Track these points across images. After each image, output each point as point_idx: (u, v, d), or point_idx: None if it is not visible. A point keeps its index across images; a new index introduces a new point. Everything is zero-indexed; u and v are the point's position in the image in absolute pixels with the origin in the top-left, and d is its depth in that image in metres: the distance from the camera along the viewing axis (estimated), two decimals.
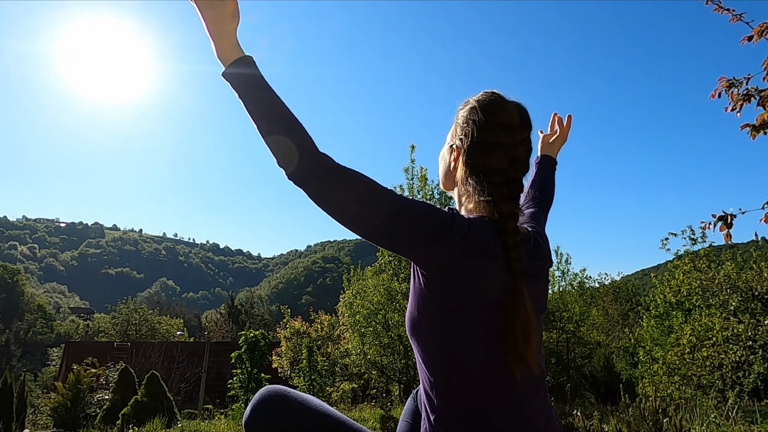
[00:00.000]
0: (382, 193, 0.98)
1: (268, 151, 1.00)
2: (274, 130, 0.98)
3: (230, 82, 1.02)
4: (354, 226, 0.99)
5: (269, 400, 1.09)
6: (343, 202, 0.97)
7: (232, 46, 1.03)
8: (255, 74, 1.01)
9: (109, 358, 13.50)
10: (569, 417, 4.88)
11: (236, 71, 1.01)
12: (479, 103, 1.14)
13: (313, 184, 0.97)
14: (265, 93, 1.00)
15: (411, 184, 9.37)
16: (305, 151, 0.97)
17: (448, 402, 0.99)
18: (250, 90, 1.01)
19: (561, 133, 1.75)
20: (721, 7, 2.47)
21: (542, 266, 1.16)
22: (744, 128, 2.46)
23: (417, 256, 0.99)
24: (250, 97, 1.00)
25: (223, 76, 1.03)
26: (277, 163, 0.99)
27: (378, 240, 1.00)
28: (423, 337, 1.02)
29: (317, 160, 0.97)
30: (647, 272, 43.40)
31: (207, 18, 1.02)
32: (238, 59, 1.02)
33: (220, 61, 1.03)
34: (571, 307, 13.28)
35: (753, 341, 8.53)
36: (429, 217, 0.97)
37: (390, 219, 0.96)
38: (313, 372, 12.51)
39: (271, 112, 1.00)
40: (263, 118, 0.99)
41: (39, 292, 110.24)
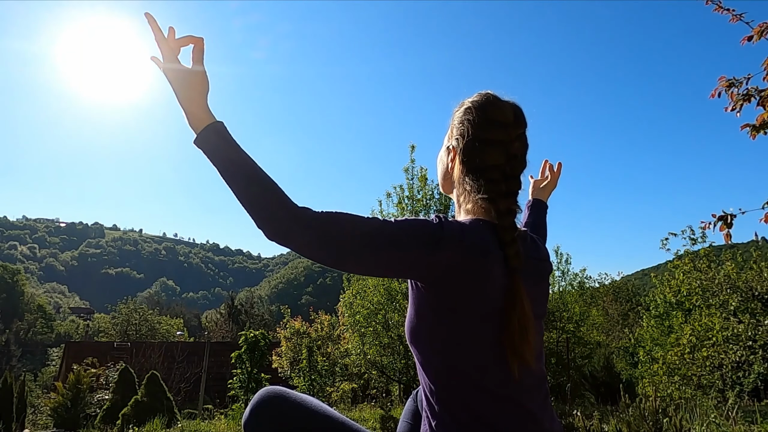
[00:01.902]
0: (366, 230, 0.98)
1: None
2: (247, 193, 1.00)
3: (202, 150, 1.05)
4: (352, 269, 1.02)
5: (268, 401, 1.09)
6: (331, 251, 0.98)
7: (203, 115, 1.06)
8: (225, 140, 1.04)
9: (109, 358, 13.52)
10: (569, 417, 4.88)
11: (206, 139, 1.04)
12: (474, 103, 1.16)
13: (295, 241, 0.98)
14: (236, 158, 1.02)
15: (411, 184, 9.38)
16: (280, 211, 0.98)
17: (449, 408, 0.99)
18: (220, 157, 1.03)
19: (552, 178, 1.81)
20: (721, 7, 2.48)
21: (542, 267, 1.16)
22: (744, 128, 2.46)
23: (419, 275, 1.00)
24: (221, 164, 1.02)
25: (194, 143, 1.05)
26: (256, 225, 1.00)
27: (378, 273, 1.02)
28: (423, 344, 1.02)
29: (294, 218, 0.97)
30: (647, 272, 43.40)
31: (177, 91, 1.07)
32: (207, 127, 1.05)
33: (191, 129, 1.06)
34: (571, 307, 13.28)
35: (753, 341, 8.53)
36: (418, 235, 0.97)
37: (382, 251, 0.97)
38: (313, 372, 12.51)
39: (243, 176, 1.01)
40: (235, 182, 1.01)
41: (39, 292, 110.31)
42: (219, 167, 1.03)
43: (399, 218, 1.01)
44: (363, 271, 1.03)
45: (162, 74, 1.10)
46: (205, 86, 1.08)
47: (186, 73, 1.07)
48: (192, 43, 1.10)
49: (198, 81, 1.07)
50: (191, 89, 1.07)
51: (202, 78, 1.08)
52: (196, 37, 1.10)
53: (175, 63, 1.08)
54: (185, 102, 1.07)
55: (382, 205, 9.57)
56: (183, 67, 1.08)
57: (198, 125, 1.05)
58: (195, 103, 1.06)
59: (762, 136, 2.43)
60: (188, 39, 1.10)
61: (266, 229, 0.98)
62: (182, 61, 1.10)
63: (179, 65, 1.08)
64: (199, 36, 1.10)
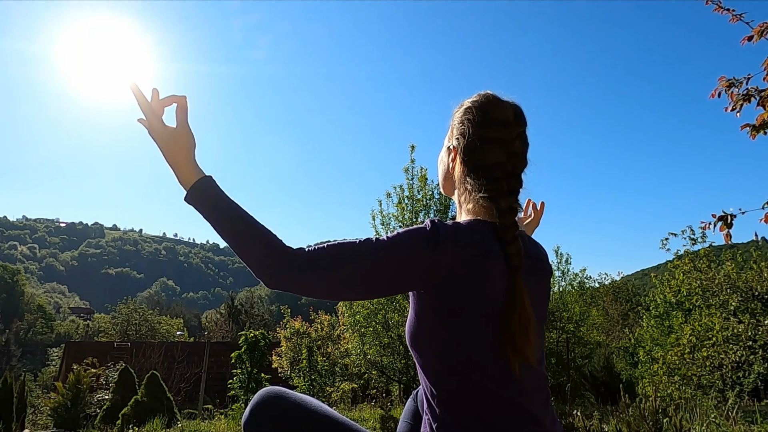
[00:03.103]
0: (364, 259, 0.98)
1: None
2: (239, 247, 1.02)
3: (193, 206, 1.08)
4: (360, 298, 1.04)
5: (268, 401, 1.10)
6: (334, 289, 1.01)
7: (190, 174, 1.09)
8: (212, 197, 1.06)
9: (109, 358, 13.51)
10: (569, 417, 4.88)
11: (194, 197, 1.07)
12: (474, 103, 1.16)
13: (295, 287, 1.01)
14: (224, 213, 1.05)
15: (411, 184, 9.38)
16: (273, 260, 0.99)
17: (450, 409, 0.98)
18: (208, 214, 1.06)
19: (535, 217, 1.83)
20: (721, 7, 2.48)
21: (541, 267, 1.16)
22: (744, 128, 2.46)
23: (423, 285, 1.00)
24: (210, 220, 1.05)
25: (185, 200, 1.09)
26: (254, 274, 1.02)
27: (385, 295, 1.04)
28: (423, 346, 1.02)
29: (288, 265, 0.99)
30: (647, 272, 43.37)
31: (164, 151, 1.11)
32: (194, 185, 1.07)
33: (181, 186, 1.10)
34: (571, 307, 13.28)
35: (753, 341, 8.53)
36: (415, 245, 0.98)
37: (384, 275, 0.99)
38: (313, 372, 12.51)
39: (233, 231, 1.03)
40: (226, 237, 1.04)
41: (39, 292, 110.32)
42: (210, 222, 1.06)
43: (391, 234, 1.01)
44: (371, 297, 1.04)
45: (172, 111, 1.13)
46: (190, 144, 1.11)
47: (171, 133, 1.10)
48: (175, 102, 1.13)
49: (183, 140, 1.10)
50: (177, 149, 1.10)
51: (187, 136, 1.11)
52: (179, 96, 1.13)
53: (160, 125, 1.11)
54: (172, 161, 1.10)
55: (382, 205, 9.57)
56: (168, 129, 1.11)
57: (186, 183, 1.08)
58: (182, 162, 1.09)
59: (762, 136, 2.42)
60: (171, 99, 1.13)
61: (264, 279, 1.01)
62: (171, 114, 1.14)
63: (164, 127, 1.11)
64: (181, 95, 1.13)
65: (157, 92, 1.14)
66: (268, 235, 1.02)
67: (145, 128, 1.13)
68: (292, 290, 1.01)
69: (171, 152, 1.10)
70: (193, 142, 1.12)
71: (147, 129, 1.13)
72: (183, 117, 1.13)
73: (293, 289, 1.01)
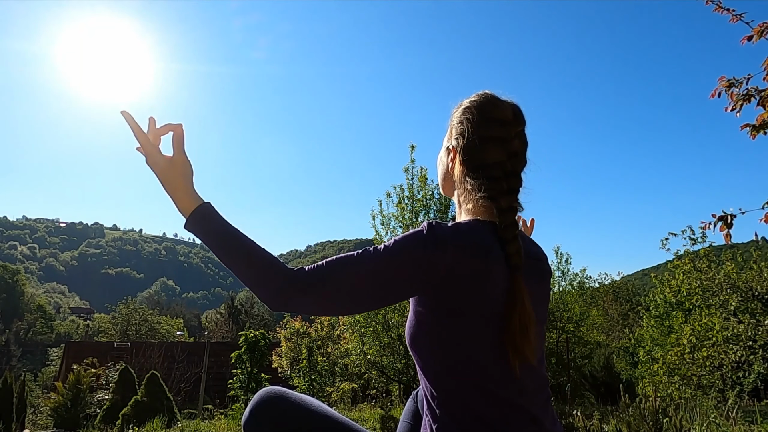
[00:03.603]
0: (363, 272, 0.99)
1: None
2: (240, 272, 1.03)
3: (193, 233, 1.09)
4: (364, 310, 1.04)
5: (268, 401, 1.09)
6: (337, 305, 1.01)
7: (188, 202, 1.10)
8: (211, 224, 1.07)
9: (109, 358, 13.50)
10: (569, 417, 4.87)
11: (193, 225, 1.08)
12: (472, 103, 1.16)
13: (298, 308, 1.01)
14: (223, 239, 1.05)
15: (411, 184, 9.37)
16: (274, 284, 1.00)
17: (450, 410, 0.98)
18: (210, 238, 1.06)
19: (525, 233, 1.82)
20: (721, 7, 2.47)
21: (541, 268, 1.16)
22: (744, 128, 2.46)
23: (424, 289, 1.00)
24: (210, 246, 1.06)
25: (185, 228, 1.10)
26: (259, 298, 1.03)
27: (388, 304, 1.04)
28: (423, 348, 1.02)
29: (289, 288, 0.99)
30: (647, 272, 43.40)
31: (162, 180, 1.12)
32: (193, 213, 1.08)
33: (181, 213, 1.11)
34: (571, 307, 13.28)
35: (753, 341, 8.53)
36: (412, 252, 0.98)
37: (385, 286, 0.99)
38: (313, 372, 12.51)
39: (233, 256, 1.04)
40: (227, 262, 1.05)
41: (39, 292, 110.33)
42: (211, 249, 1.07)
43: (389, 242, 1.01)
44: (379, 307, 1.04)
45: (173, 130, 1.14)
46: (187, 172, 1.12)
47: (168, 163, 1.11)
48: (171, 130, 1.14)
49: (180, 169, 1.11)
50: (175, 178, 1.11)
51: (184, 165, 1.12)
52: (175, 125, 1.14)
53: (157, 155, 1.12)
54: (170, 190, 1.11)
55: (382, 205, 9.57)
56: (165, 158, 1.12)
57: (185, 211, 1.09)
58: (180, 190, 1.10)
59: (762, 136, 2.42)
60: (167, 128, 1.14)
61: (268, 304, 1.02)
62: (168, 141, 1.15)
63: (161, 157, 1.12)
64: (177, 123, 1.14)
65: (154, 121, 1.15)
66: (269, 259, 1.02)
67: (143, 156, 1.14)
68: (299, 312, 1.02)
69: (169, 181, 1.11)
70: (190, 170, 1.13)
71: (144, 158, 1.13)
72: (179, 145, 1.13)
73: (300, 311, 1.02)
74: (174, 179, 1.11)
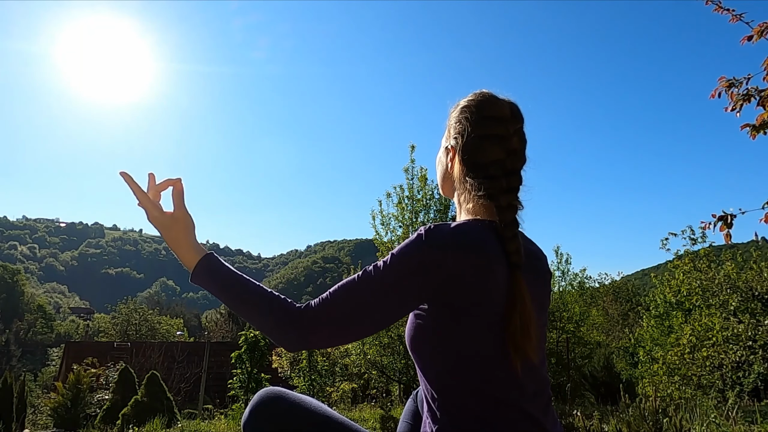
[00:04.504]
0: (368, 298, 0.99)
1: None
2: (253, 317, 1.05)
3: (199, 286, 1.12)
4: (376, 331, 1.04)
5: (268, 401, 1.09)
6: (350, 334, 1.02)
7: (191, 255, 1.12)
8: (215, 276, 1.09)
9: (109, 358, 13.50)
10: (569, 417, 4.87)
11: (198, 278, 1.10)
12: (470, 102, 1.16)
13: (314, 344, 1.02)
14: (228, 289, 1.07)
15: (411, 184, 9.38)
16: (284, 326, 1.01)
17: (450, 412, 0.98)
18: (216, 290, 1.08)
19: None
20: (721, 7, 2.47)
21: (541, 267, 1.16)
22: (744, 128, 2.45)
23: (428, 296, 0.99)
24: (218, 296, 1.08)
25: (191, 282, 1.12)
26: (276, 344, 1.05)
27: (398, 319, 1.03)
28: (424, 350, 1.02)
29: (300, 327, 1.00)
30: (647, 272, 43.36)
31: (164, 236, 1.15)
32: (197, 266, 1.11)
33: (185, 267, 1.13)
34: (571, 307, 13.28)
35: (753, 341, 8.52)
36: (413, 264, 0.97)
37: (392, 306, 1.00)
38: (313, 372, 12.50)
39: (243, 304, 1.05)
40: (235, 309, 1.07)
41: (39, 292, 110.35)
42: (218, 298, 1.09)
43: (386, 258, 1.01)
44: (390, 323, 1.04)
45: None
46: (189, 226, 1.15)
47: (169, 219, 1.15)
48: (170, 185, 1.17)
49: (181, 224, 1.15)
50: (176, 233, 1.14)
51: (185, 220, 1.15)
52: (174, 180, 1.17)
53: (158, 213, 1.15)
54: (173, 245, 1.14)
55: (382, 205, 9.58)
56: (165, 216, 1.15)
57: (189, 265, 1.12)
58: (182, 245, 1.13)
59: (762, 136, 2.42)
60: (166, 183, 1.17)
61: (284, 347, 1.03)
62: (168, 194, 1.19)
63: (162, 214, 1.15)
64: (176, 177, 1.17)
65: (153, 177, 1.18)
66: (276, 302, 1.03)
67: (144, 212, 1.17)
68: (316, 348, 1.05)
69: (171, 237, 1.14)
70: (191, 224, 1.16)
71: (145, 214, 1.16)
72: (179, 200, 1.16)
73: (319, 347, 1.04)
74: (176, 235, 1.14)
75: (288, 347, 1.02)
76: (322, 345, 1.03)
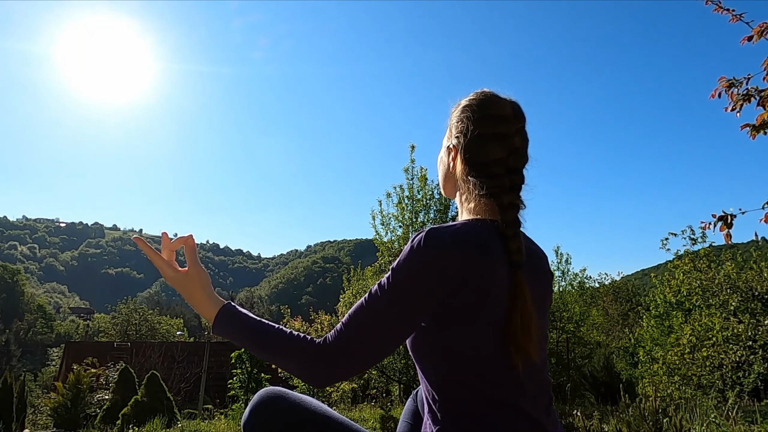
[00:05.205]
0: (382, 322, 0.99)
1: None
2: (277, 360, 1.06)
3: (221, 336, 1.15)
4: (400, 344, 1.03)
5: (268, 401, 1.09)
6: (370, 359, 1.02)
7: (209, 309, 1.15)
8: (238, 323, 1.11)
9: (109, 358, 13.50)
10: (569, 417, 4.87)
11: (219, 329, 1.13)
12: (471, 101, 1.16)
13: (339, 377, 1.02)
14: (252, 335, 1.09)
15: (411, 184, 9.38)
16: (312, 365, 1.01)
17: (451, 414, 0.98)
18: (238, 339, 1.11)
19: None
20: (721, 7, 2.47)
21: (542, 267, 1.15)
22: (744, 128, 2.45)
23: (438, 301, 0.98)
24: (242, 344, 1.10)
25: (213, 333, 1.16)
26: (303, 382, 1.07)
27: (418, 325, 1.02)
28: (424, 352, 1.01)
29: (325, 363, 1.00)
30: (647, 272, 43.39)
31: (182, 294, 1.18)
32: (216, 318, 1.13)
33: (206, 320, 1.17)
34: (571, 307, 13.29)
35: (753, 341, 8.53)
36: (415, 275, 0.97)
37: (405, 321, 0.99)
38: None
39: (265, 348, 1.07)
40: (261, 354, 1.09)
41: (39, 292, 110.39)
42: (241, 346, 1.13)
43: (389, 274, 1.01)
44: (408, 335, 1.03)
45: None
46: (204, 281, 1.18)
47: (184, 277, 1.18)
48: (182, 243, 1.20)
49: (197, 281, 1.17)
50: (193, 290, 1.17)
51: (199, 275, 1.18)
52: (185, 237, 1.20)
53: (173, 272, 1.18)
54: (190, 301, 1.18)
55: (382, 205, 9.58)
56: (180, 274, 1.18)
57: (208, 318, 1.15)
58: (199, 300, 1.16)
59: (762, 136, 2.42)
60: (179, 242, 1.21)
61: (312, 384, 1.04)
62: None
63: (176, 273, 1.18)
64: (187, 234, 1.20)
65: (166, 235, 1.22)
66: (296, 345, 1.03)
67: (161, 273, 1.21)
68: (344, 380, 1.06)
69: (188, 294, 1.17)
70: (206, 278, 1.18)
71: (162, 275, 1.20)
72: (192, 257, 1.19)
73: (345, 378, 1.04)
74: (193, 291, 1.17)
75: (317, 385, 1.03)
76: (351, 375, 1.03)
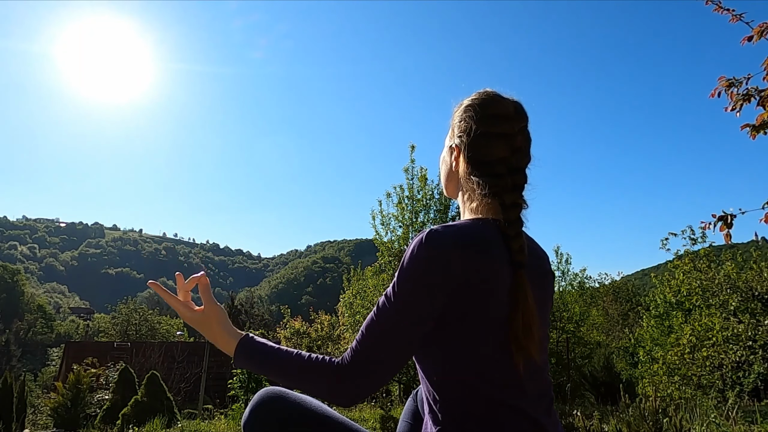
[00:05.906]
0: (396, 333, 0.99)
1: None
2: (301, 386, 1.07)
3: (243, 368, 1.14)
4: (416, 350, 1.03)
5: (268, 401, 1.09)
6: (388, 373, 1.01)
7: (228, 343, 1.18)
8: (257, 355, 1.13)
9: (109, 358, 13.48)
10: (569, 417, 4.87)
11: (240, 362, 1.16)
12: (474, 101, 1.16)
13: (363, 393, 1.02)
14: (274, 364, 1.10)
15: (411, 184, 9.38)
16: (336, 387, 1.01)
17: (452, 414, 0.97)
18: (260, 369, 1.13)
19: None
20: (721, 7, 2.47)
21: (543, 267, 1.15)
22: (744, 128, 2.45)
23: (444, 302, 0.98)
24: (264, 373, 1.13)
25: (235, 366, 1.22)
26: (328, 402, 1.07)
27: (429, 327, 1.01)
28: (426, 353, 1.01)
29: (349, 382, 1.01)
30: (647, 272, 43.37)
31: (201, 331, 1.22)
32: (237, 350, 1.16)
33: (226, 353, 1.20)
34: (571, 307, 13.29)
35: (753, 341, 8.52)
36: (420, 280, 0.97)
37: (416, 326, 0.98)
38: None
39: (287, 376, 1.08)
40: (284, 382, 1.11)
41: (39, 292, 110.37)
42: (264, 375, 1.13)
43: (395, 281, 1.00)
44: (419, 346, 1.03)
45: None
46: (220, 318, 1.21)
47: (201, 316, 1.22)
48: (196, 282, 1.24)
49: (213, 318, 1.21)
50: (211, 327, 1.21)
51: (216, 313, 1.21)
52: (199, 276, 1.24)
53: (190, 313, 1.23)
54: (210, 338, 1.22)
55: (382, 205, 9.58)
56: (196, 314, 1.22)
57: (229, 351, 1.18)
58: (218, 336, 1.20)
59: (762, 136, 2.42)
60: (192, 281, 1.24)
61: (339, 405, 1.04)
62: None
63: (193, 313, 1.23)
64: (200, 273, 1.24)
65: (181, 276, 1.26)
66: (318, 365, 1.04)
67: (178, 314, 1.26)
68: (370, 394, 1.04)
69: (207, 332, 1.21)
70: (223, 315, 1.21)
71: (180, 316, 1.25)
72: (207, 295, 1.23)
73: (369, 394, 1.04)
74: (211, 328, 1.20)
75: (344, 404, 1.03)
76: (376, 389, 1.02)
